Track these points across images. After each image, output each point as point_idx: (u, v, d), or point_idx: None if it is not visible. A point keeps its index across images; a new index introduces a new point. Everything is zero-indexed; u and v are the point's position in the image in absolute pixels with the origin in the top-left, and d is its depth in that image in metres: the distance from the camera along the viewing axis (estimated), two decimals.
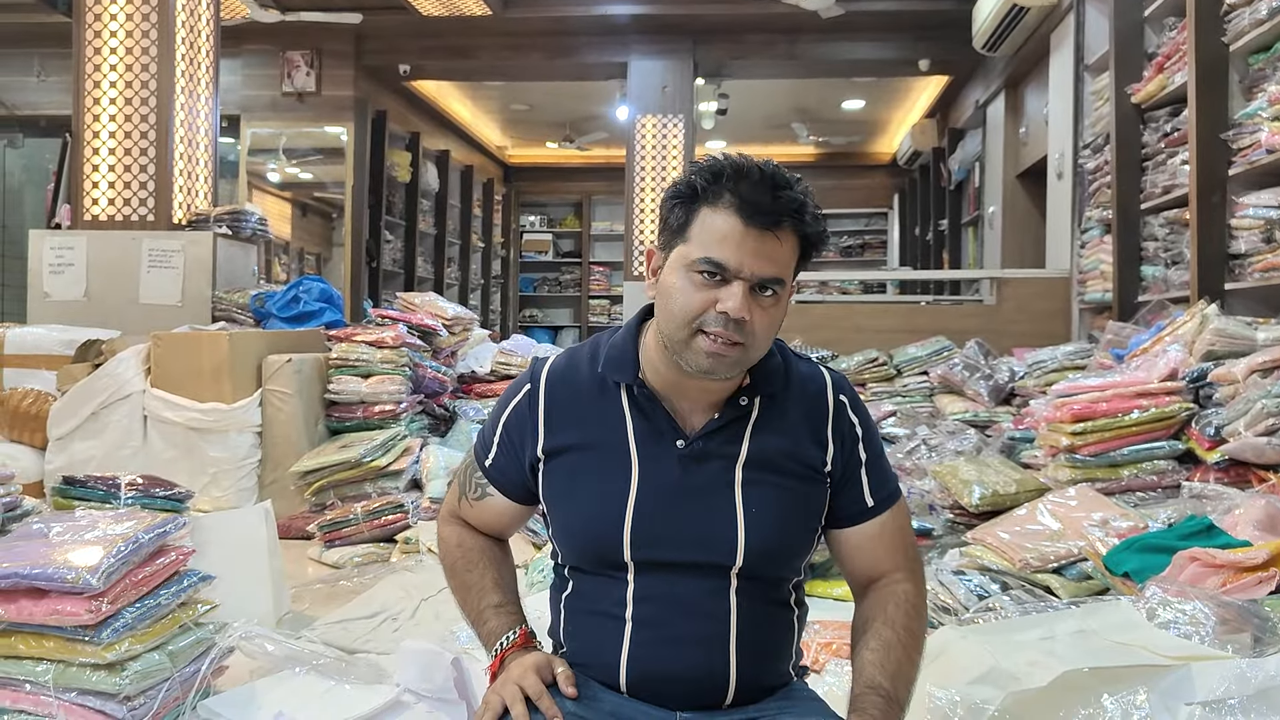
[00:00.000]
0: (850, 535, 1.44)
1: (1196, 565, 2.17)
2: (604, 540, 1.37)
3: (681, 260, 1.32)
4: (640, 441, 1.38)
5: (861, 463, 1.43)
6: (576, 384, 1.44)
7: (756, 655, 1.38)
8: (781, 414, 1.40)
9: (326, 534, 3.90)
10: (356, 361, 4.61)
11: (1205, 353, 3.37)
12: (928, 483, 3.72)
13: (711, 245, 1.29)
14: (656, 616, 1.36)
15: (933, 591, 2.75)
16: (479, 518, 1.55)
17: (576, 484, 1.41)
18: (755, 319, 1.30)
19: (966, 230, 9.41)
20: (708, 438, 1.38)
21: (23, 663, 1.84)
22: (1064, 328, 6.10)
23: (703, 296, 1.29)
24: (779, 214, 1.29)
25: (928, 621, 1.44)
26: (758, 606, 1.38)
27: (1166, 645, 1.70)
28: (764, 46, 8.46)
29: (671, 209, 1.35)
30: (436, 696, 1.93)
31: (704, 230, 1.30)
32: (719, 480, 1.37)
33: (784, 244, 1.30)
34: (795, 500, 1.39)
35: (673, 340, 1.33)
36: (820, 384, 1.44)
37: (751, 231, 1.28)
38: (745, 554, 1.35)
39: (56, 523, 2.00)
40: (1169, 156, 4.71)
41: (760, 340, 1.32)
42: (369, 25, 8.20)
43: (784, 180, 1.30)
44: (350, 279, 8.53)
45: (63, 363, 4.60)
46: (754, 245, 1.29)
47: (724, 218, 1.29)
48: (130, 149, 5.45)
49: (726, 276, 1.29)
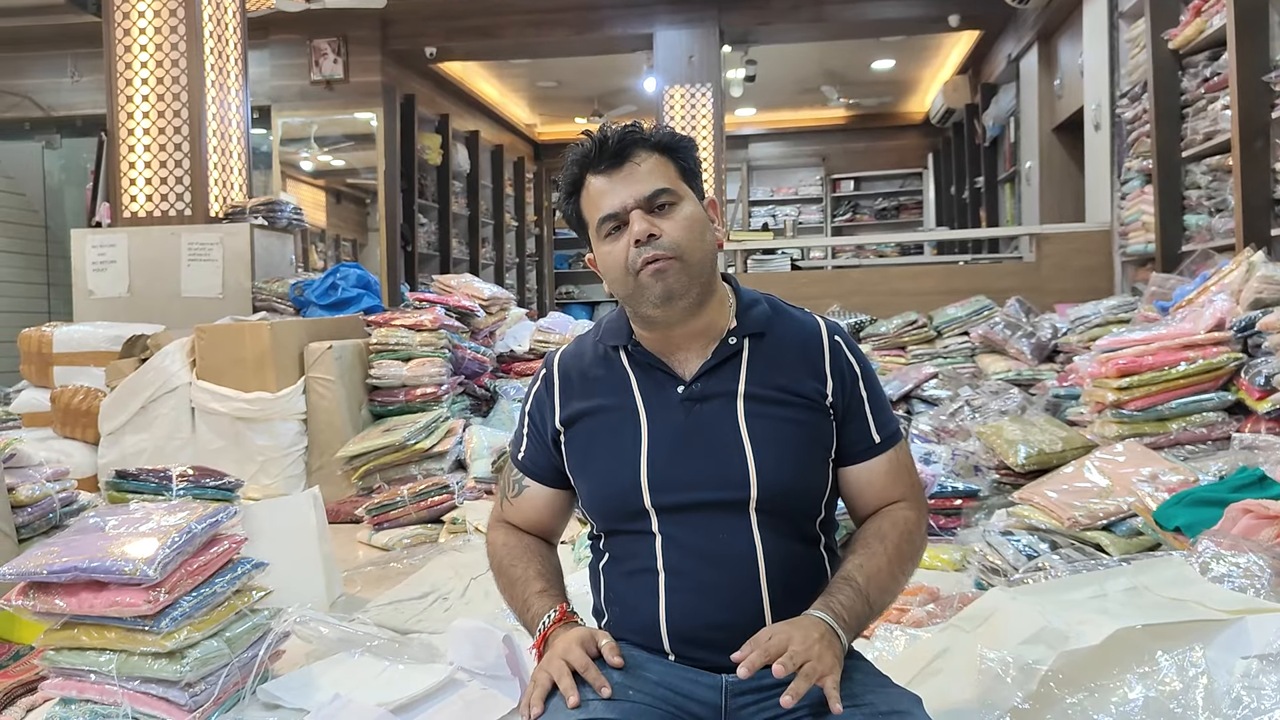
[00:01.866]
0: (860, 471, 1.50)
1: (1249, 517, 2.14)
2: (626, 492, 1.43)
3: (596, 238, 1.47)
4: (645, 395, 1.47)
5: (864, 400, 1.50)
6: (585, 360, 1.54)
7: (789, 596, 1.40)
8: (776, 351, 1.48)
9: (375, 517, 3.95)
10: (396, 346, 4.65)
11: (1253, 301, 3.31)
12: (972, 443, 3.69)
13: (598, 208, 1.45)
14: (686, 563, 1.41)
15: (981, 553, 2.74)
16: (521, 515, 1.60)
17: (594, 445, 1.49)
18: (665, 227, 1.42)
19: (1003, 187, 9.28)
20: (704, 379, 1.46)
21: (86, 654, 1.88)
22: (1106, 282, 6.01)
23: (620, 247, 1.43)
24: (619, 148, 1.44)
25: (922, 550, 1.50)
26: (784, 544, 1.42)
27: (1221, 599, 1.68)
28: (790, 10, 8.36)
29: (569, 214, 1.52)
30: (489, 674, 1.95)
31: (589, 206, 1.47)
32: (723, 416, 1.44)
33: (642, 164, 1.44)
34: (800, 430, 1.44)
35: (626, 297, 1.45)
36: (814, 326, 1.52)
37: (610, 175, 1.44)
38: (759, 485, 1.40)
39: (112, 516, 2.04)
40: (1209, 102, 4.61)
41: (684, 241, 1.42)
42: (394, 9, 8.20)
43: (617, 129, 1.46)
44: (386, 264, 8.58)
45: (110, 359, 4.68)
46: (619, 184, 1.44)
47: (592, 186, 1.46)
48: (165, 145, 5.51)
49: (620, 219, 1.43)
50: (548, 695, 1.33)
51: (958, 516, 3.30)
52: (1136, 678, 1.51)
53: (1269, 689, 1.46)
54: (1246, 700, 1.45)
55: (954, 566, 2.93)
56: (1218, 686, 1.47)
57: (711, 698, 1.37)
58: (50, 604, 1.87)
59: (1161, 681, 1.49)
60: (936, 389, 4.82)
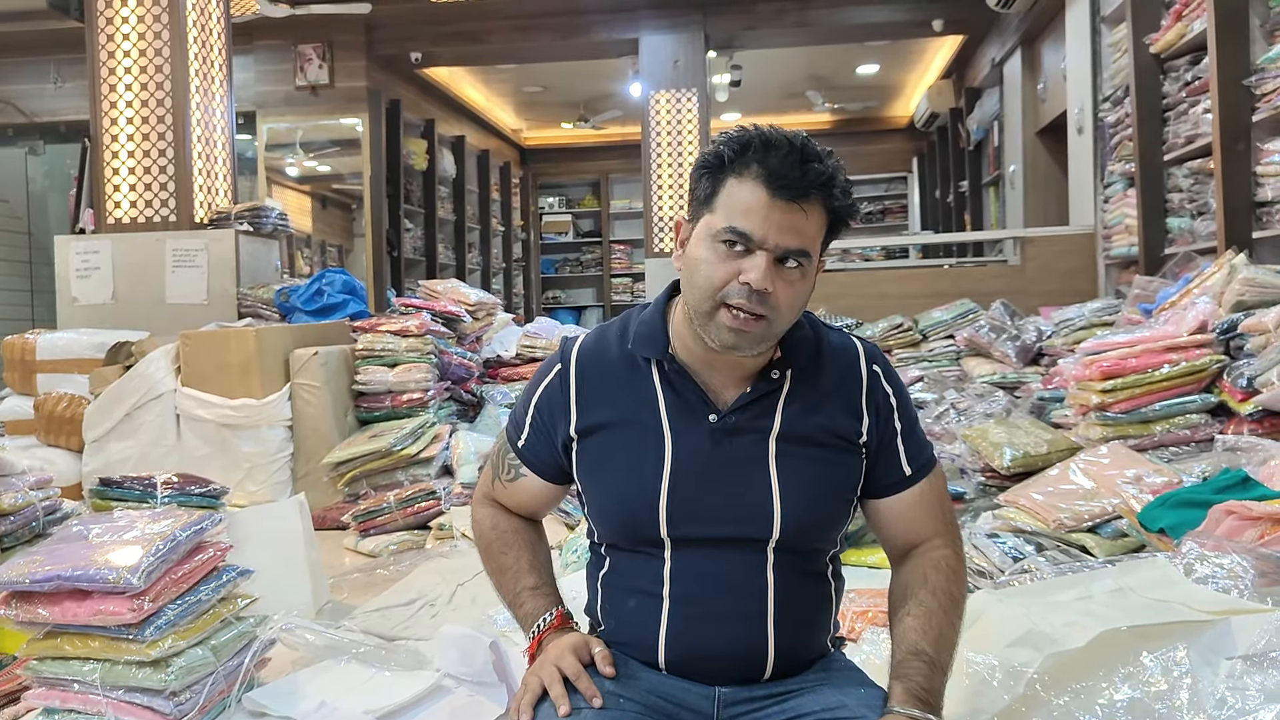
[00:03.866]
0: (889, 505, 1.44)
1: (1233, 518, 2.15)
2: (640, 518, 1.37)
3: (707, 230, 1.31)
4: (672, 417, 1.38)
5: (897, 432, 1.42)
6: (607, 362, 1.43)
7: (795, 629, 1.38)
8: (814, 386, 1.39)
9: (361, 523, 3.94)
10: (382, 351, 4.64)
11: (1235, 303, 3.33)
12: (958, 446, 3.70)
13: (736, 215, 1.28)
14: (694, 593, 1.36)
15: (967, 556, 2.74)
16: (513, 498, 1.55)
17: (611, 462, 1.40)
18: (779, 291, 1.28)
19: (987, 190, 9.32)
20: (740, 411, 1.37)
21: (70, 663, 1.87)
22: (1090, 284, 6.04)
23: (726, 268, 1.28)
24: (806, 186, 1.27)
25: (967, 586, 1.43)
26: (795, 580, 1.38)
27: (1205, 600, 1.69)
28: (775, 15, 8.38)
29: (699, 180, 1.34)
30: (476, 680, 1.95)
31: (730, 201, 1.29)
32: (753, 454, 1.36)
33: (810, 217, 1.29)
34: (830, 472, 1.38)
35: (697, 313, 1.32)
36: (853, 354, 1.43)
37: (777, 203, 1.27)
38: (782, 527, 1.34)
39: (95, 524, 2.03)
40: (1190, 106, 4.63)
41: (784, 314, 1.31)
42: (379, 15, 8.19)
43: (813, 153, 1.29)
44: (372, 269, 8.56)
45: (94, 366, 4.65)
46: (779, 217, 1.27)
47: (750, 188, 1.28)
48: (149, 151, 5.49)
49: (750, 247, 1.28)
50: (538, 702, 1.32)
51: None
52: (1122, 679, 1.51)
53: (1253, 689, 1.47)
54: (1231, 701, 1.46)
55: None
56: (1202, 687, 1.48)
57: (704, 707, 1.36)
58: (33, 613, 1.86)
59: (1147, 682, 1.50)
60: (922, 392, 4.84)
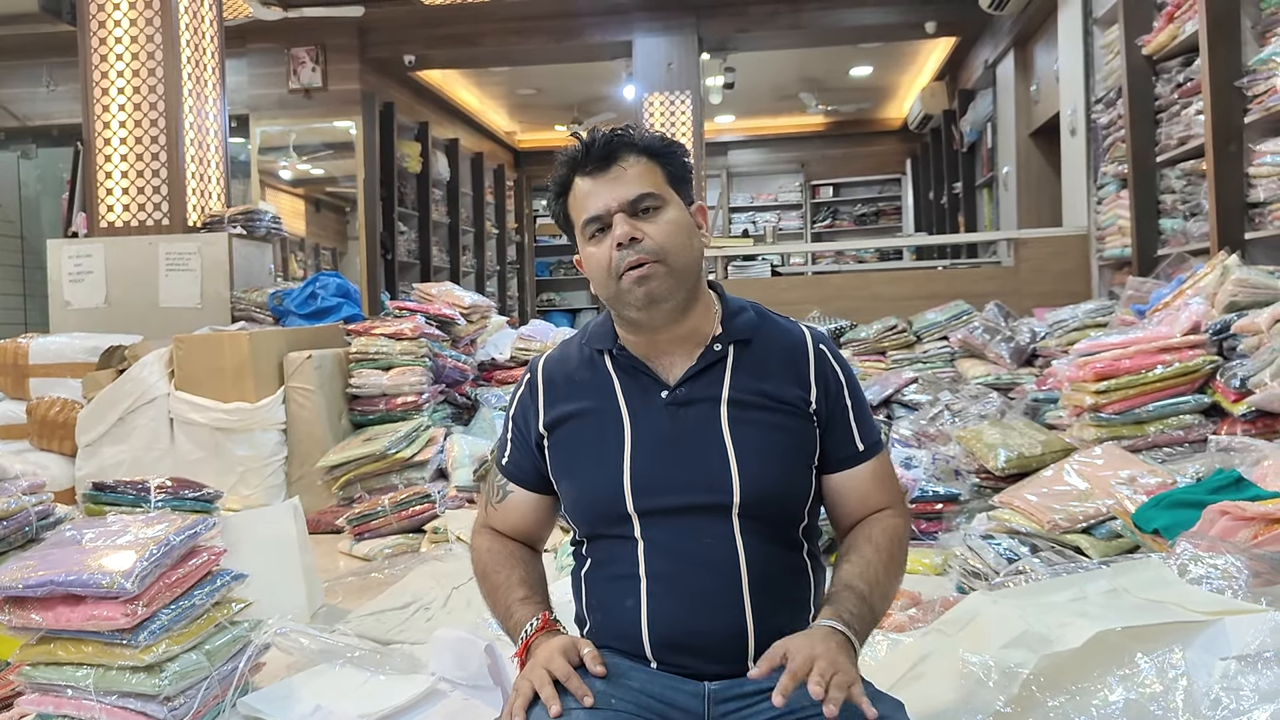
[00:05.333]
0: (844, 479, 1.51)
1: (1227, 519, 2.16)
2: (607, 495, 1.43)
3: (582, 240, 1.48)
4: (629, 399, 1.48)
5: (848, 408, 1.50)
6: (568, 363, 1.55)
7: (773, 603, 1.41)
8: (760, 358, 1.48)
9: (356, 527, 3.93)
10: (376, 354, 4.63)
11: (1228, 304, 3.34)
12: (952, 448, 3.71)
13: (583, 210, 1.46)
14: (669, 569, 1.41)
15: (962, 556, 2.75)
16: (506, 520, 1.59)
17: (577, 449, 1.49)
18: (649, 231, 1.43)
19: (981, 192, 9.34)
20: (689, 384, 1.46)
21: (63, 668, 1.86)
22: (1084, 286, 6.05)
23: (603, 250, 1.44)
24: (608, 153, 1.45)
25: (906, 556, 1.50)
26: (766, 548, 1.42)
27: (1199, 601, 1.69)
28: (768, 17, 8.40)
29: (557, 215, 1.53)
30: (471, 684, 1.95)
31: (575, 208, 1.49)
32: (706, 421, 1.44)
33: (630, 168, 1.45)
34: (784, 435, 1.45)
35: (610, 299, 1.46)
36: (799, 335, 1.53)
37: (598, 178, 1.45)
38: (742, 490, 1.40)
39: (89, 529, 2.02)
40: (1183, 107, 4.65)
41: (668, 245, 1.43)
42: (372, 17, 8.19)
43: (606, 132, 1.47)
44: (366, 272, 8.55)
45: (87, 370, 4.64)
46: (606, 186, 1.45)
47: (579, 188, 1.47)
48: (142, 154, 5.48)
49: (604, 221, 1.44)
50: (530, 704, 1.32)
51: (938, 521, 3.31)
52: (1117, 680, 1.52)
53: (1247, 690, 1.47)
54: (1225, 701, 1.46)
55: (935, 571, 2.94)
56: (1197, 688, 1.48)
57: (694, 705, 1.36)
58: (26, 618, 1.85)
59: (1142, 683, 1.50)
60: (916, 394, 4.84)
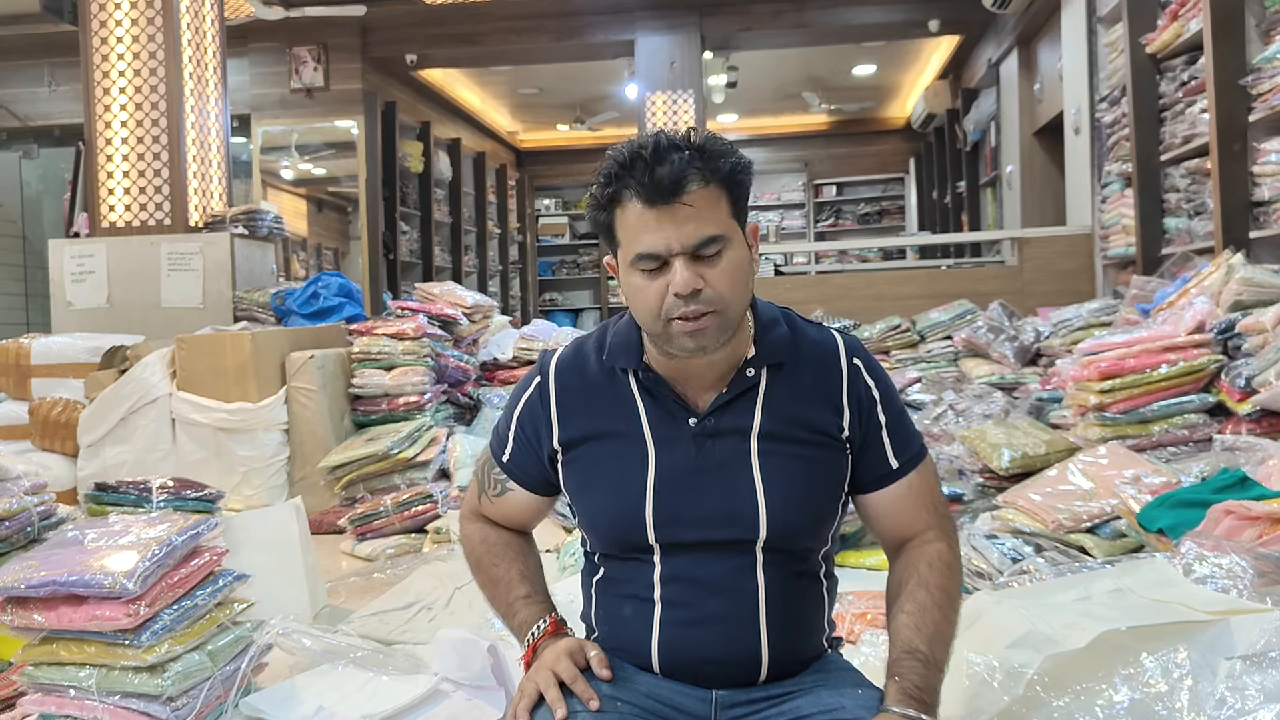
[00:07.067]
0: (877, 499, 1.43)
1: (1232, 518, 2.15)
2: (628, 526, 1.37)
3: (626, 261, 1.33)
4: (653, 425, 1.39)
5: (882, 425, 1.41)
6: (586, 374, 1.44)
7: (787, 631, 1.37)
8: (793, 382, 1.39)
9: (358, 527, 3.92)
10: (379, 354, 4.63)
11: (1232, 303, 3.33)
12: (956, 448, 3.70)
13: (636, 240, 1.30)
14: (685, 597, 1.36)
15: (966, 557, 2.73)
16: (500, 513, 1.56)
17: (596, 473, 1.42)
18: (710, 279, 1.29)
19: (985, 191, 9.32)
20: (718, 413, 1.37)
21: (65, 669, 1.86)
22: (1088, 285, 6.04)
23: (655, 287, 1.30)
24: (675, 182, 1.27)
25: (962, 580, 1.43)
26: (786, 582, 1.37)
27: (1204, 600, 1.68)
28: (771, 16, 8.39)
29: (598, 223, 1.37)
30: (474, 684, 1.94)
31: (625, 229, 1.32)
32: (735, 455, 1.36)
33: (698, 203, 1.29)
34: (814, 469, 1.38)
35: (652, 335, 1.35)
36: (832, 349, 1.42)
37: (661, 210, 1.28)
38: (768, 527, 1.34)
39: (91, 529, 2.02)
40: (1187, 106, 4.64)
41: (727, 295, 1.31)
42: (374, 17, 8.19)
43: (668, 146, 1.29)
44: (368, 272, 8.55)
45: (89, 370, 4.64)
46: (669, 222, 1.28)
47: (633, 211, 1.30)
48: (143, 154, 5.48)
49: (662, 260, 1.29)
50: (534, 706, 1.32)
51: None
52: (1122, 680, 1.51)
53: (1252, 689, 1.46)
54: (1231, 701, 1.46)
55: None
56: (1202, 688, 1.48)
57: (702, 710, 1.35)
58: (29, 619, 1.85)
59: (1146, 683, 1.50)
60: (920, 393, 4.83)
